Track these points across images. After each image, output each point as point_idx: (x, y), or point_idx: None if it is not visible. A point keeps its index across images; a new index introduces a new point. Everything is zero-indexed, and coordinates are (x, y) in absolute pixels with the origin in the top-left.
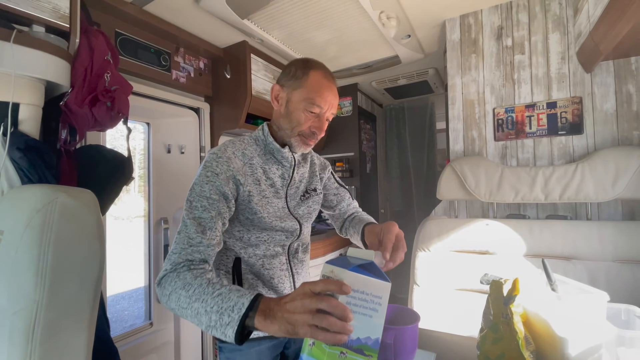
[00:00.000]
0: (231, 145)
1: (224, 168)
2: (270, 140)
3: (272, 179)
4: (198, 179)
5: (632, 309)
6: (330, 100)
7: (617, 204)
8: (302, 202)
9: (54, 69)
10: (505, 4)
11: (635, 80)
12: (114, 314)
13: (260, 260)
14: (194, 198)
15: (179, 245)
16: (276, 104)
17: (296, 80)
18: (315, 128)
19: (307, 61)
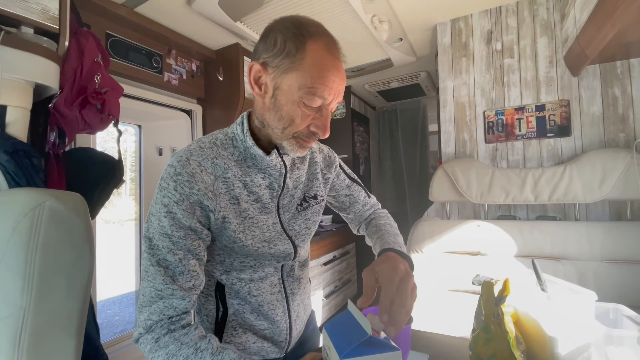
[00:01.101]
0: (197, 152)
1: (185, 192)
2: (250, 144)
3: (256, 192)
4: (155, 208)
5: (620, 308)
6: (336, 86)
7: (604, 204)
8: (299, 214)
9: (42, 70)
10: (494, 8)
11: (621, 83)
12: (105, 319)
13: (247, 285)
14: (153, 235)
15: (146, 297)
16: (257, 91)
17: (286, 58)
18: (317, 127)
19: (300, 25)
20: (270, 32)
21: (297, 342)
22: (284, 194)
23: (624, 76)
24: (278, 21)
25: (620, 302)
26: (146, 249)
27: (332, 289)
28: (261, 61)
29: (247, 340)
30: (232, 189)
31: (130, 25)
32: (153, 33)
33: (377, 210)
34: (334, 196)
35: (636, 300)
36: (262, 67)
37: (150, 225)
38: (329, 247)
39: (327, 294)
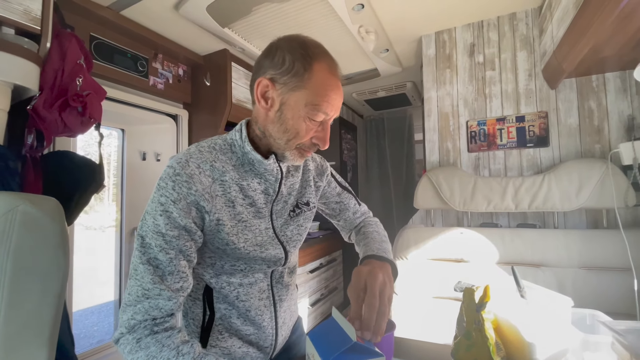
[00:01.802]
0: (197, 155)
1: (183, 192)
2: (249, 149)
3: (251, 197)
4: (151, 207)
5: (596, 314)
6: (337, 103)
7: (581, 213)
8: (291, 220)
9: (21, 71)
10: (477, 22)
11: (597, 96)
12: (82, 329)
13: (235, 290)
14: (146, 233)
15: (132, 296)
16: (263, 105)
17: (294, 77)
18: (319, 139)
19: (307, 47)
20: (277, 50)
21: (282, 347)
22: (278, 199)
23: (599, 89)
24: (283, 40)
25: (598, 308)
26: (138, 246)
27: (318, 297)
28: (268, 77)
29: (233, 345)
30: (229, 192)
31: (116, 28)
32: (139, 36)
33: (368, 218)
34: (325, 203)
35: (612, 306)
36: (270, 82)
37: (144, 223)
38: (315, 255)
39: (313, 302)
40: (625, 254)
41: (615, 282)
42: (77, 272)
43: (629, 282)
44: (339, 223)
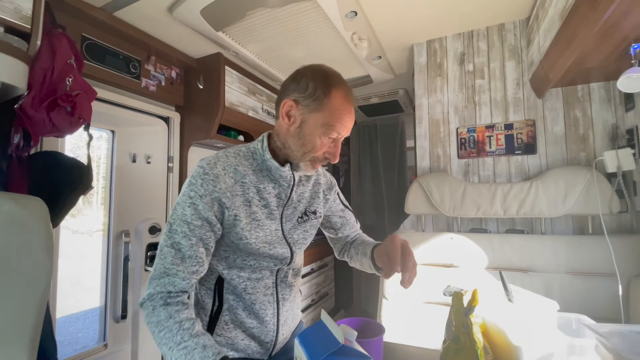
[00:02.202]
0: (223, 159)
1: (209, 188)
2: (268, 157)
3: (266, 199)
4: (181, 199)
5: (582, 318)
6: (349, 125)
7: (567, 219)
8: (299, 225)
9: (9, 70)
10: (467, 32)
11: (582, 106)
12: (67, 335)
13: (244, 283)
14: (174, 221)
15: (156, 272)
16: (286, 121)
17: (315, 101)
18: (330, 154)
19: (328, 77)
20: (302, 77)
21: (281, 347)
22: (288, 204)
23: (585, 99)
24: (308, 69)
25: (584, 313)
26: (166, 231)
27: (309, 303)
28: (293, 98)
29: (236, 337)
30: (247, 192)
31: (109, 29)
32: (132, 38)
33: (361, 233)
34: (329, 216)
35: (598, 311)
36: (294, 103)
37: (175, 212)
38: (306, 260)
39: (304, 307)
40: (610, 260)
41: (601, 287)
42: (63, 277)
43: (614, 287)
44: (337, 236)
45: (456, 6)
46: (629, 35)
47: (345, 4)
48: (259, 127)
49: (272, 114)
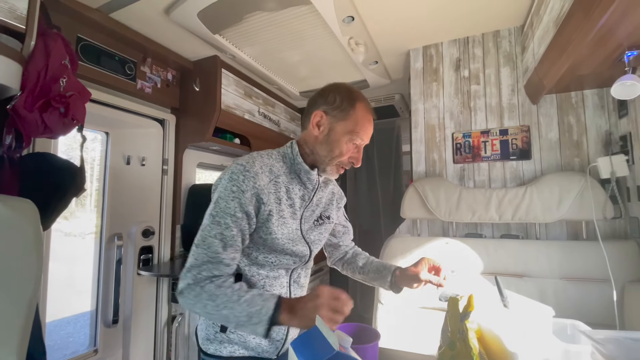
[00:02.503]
0: (259, 159)
1: (250, 185)
2: (300, 160)
3: (292, 199)
4: (224, 193)
5: (577, 324)
6: (370, 133)
7: (562, 224)
8: (315, 227)
9: (2, 70)
10: (462, 38)
11: (576, 112)
12: (57, 340)
13: (263, 280)
14: (217, 213)
15: (199, 260)
16: (316, 130)
17: (342, 112)
18: (354, 159)
19: (352, 92)
20: (330, 92)
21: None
22: (309, 206)
23: (578, 106)
24: (334, 85)
25: (578, 319)
26: (209, 223)
27: None
28: (322, 110)
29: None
30: (279, 191)
31: (105, 30)
32: (128, 40)
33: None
34: (335, 224)
35: (593, 316)
36: (323, 114)
37: (217, 206)
38: None
39: None
40: (604, 266)
41: (595, 292)
42: (54, 281)
43: (608, 293)
44: (337, 243)
45: (452, 13)
46: (622, 42)
47: (342, 8)
48: (255, 130)
49: (268, 117)
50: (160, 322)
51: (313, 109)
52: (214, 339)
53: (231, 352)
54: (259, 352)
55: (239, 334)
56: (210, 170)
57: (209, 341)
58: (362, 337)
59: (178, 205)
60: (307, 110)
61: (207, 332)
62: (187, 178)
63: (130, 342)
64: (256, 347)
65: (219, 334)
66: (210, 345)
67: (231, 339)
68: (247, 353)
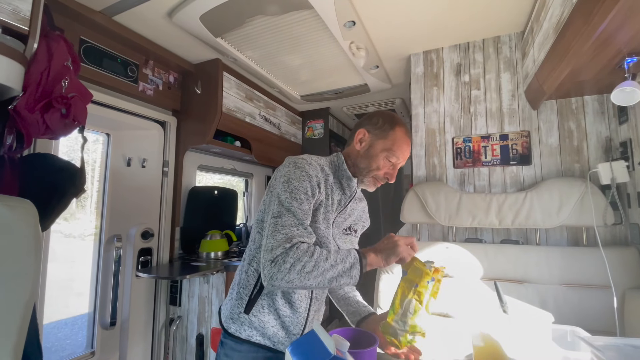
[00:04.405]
0: (315, 158)
1: (314, 172)
2: (345, 167)
3: (334, 199)
4: (295, 175)
5: (577, 331)
6: (406, 154)
7: (562, 230)
8: (342, 236)
9: (4, 71)
10: (463, 44)
11: (576, 118)
12: (55, 342)
13: None
14: (293, 189)
15: (286, 227)
16: (358, 145)
17: (383, 131)
18: (388, 175)
19: (394, 118)
20: (375, 116)
21: None
22: (342, 212)
23: (579, 111)
24: (380, 111)
25: (578, 325)
26: (287, 198)
27: None
28: (366, 129)
29: (268, 322)
30: (327, 187)
31: (107, 32)
32: (130, 42)
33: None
34: None
35: (593, 323)
36: (366, 132)
37: (290, 184)
38: None
39: None
40: (604, 272)
41: (596, 299)
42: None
43: (609, 300)
44: None
45: (453, 18)
46: (622, 49)
47: (343, 13)
48: (255, 133)
49: (269, 120)
50: (158, 325)
51: (358, 128)
52: (237, 319)
53: (249, 336)
54: (274, 343)
55: (259, 318)
56: (210, 172)
57: (232, 320)
58: (360, 342)
59: (178, 208)
60: (353, 130)
61: (231, 311)
62: (188, 180)
63: (128, 345)
64: (273, 336)
65: (242, 315)
66: (232, 324)
67: (252, 322)
68: (263, 341)
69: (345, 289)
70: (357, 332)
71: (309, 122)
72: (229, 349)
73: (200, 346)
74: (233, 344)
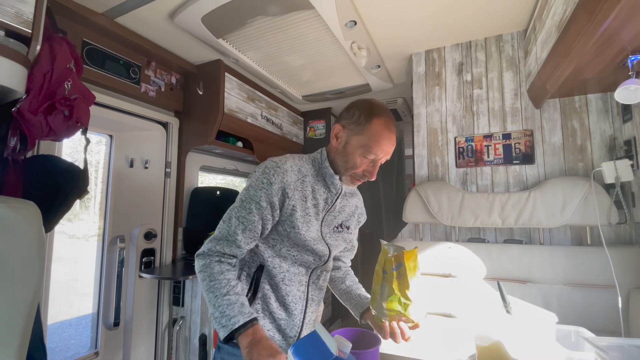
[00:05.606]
0: (291, 159)
1: (278, 178)
2: (327, 165)
3: (317, 199)
4: (255, 183)
5: (581, 331)
6: (387, 149)
7: (566, 229)
8: (334, 233)
9: (8, 73)
10: (465, 43)
11: (579, 117)
12: (59, 342)
13: (283, 273)
14: (245, 198)
15: (220, 234)
16: (335, 141)
17: (358, 126)
18: (368, 172)
19: (372, 107)
20: (352, 107)
21: None
22: (331, 210)
23: (582, 110)
24: (359, 100)
25: (582, 325)
26: (237, 206)
27: None
28: (341, 124)
29: (264, 326)
30: (305, 189)
31: (110, 34)
32: (133, 44)
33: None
34: None
35: (597, 323)
36: (341, 127)
37: (248, 192)
38: None
39: None
40: (609, 272)
41: (600, 299)
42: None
43: (613, 299)
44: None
45: (454, 17)
46: (626, 47)
47: (345, 13)
48: (257, 134)
49: (270, 120)
50: (161, 325)
51: (336, 122)
52: None
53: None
54: None
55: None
56: (212, 173)
57: None
58: (363, 342)
59: (180, 208)
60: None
61: None
62: (190, 181)
63: (131, 345)
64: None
65: None
66: None
67: None
68: None
69: (346, 282)
70: (360, 333)
71: (311, 122)
72: (225, 354)
73: (203, 346)
74: (229, 349)
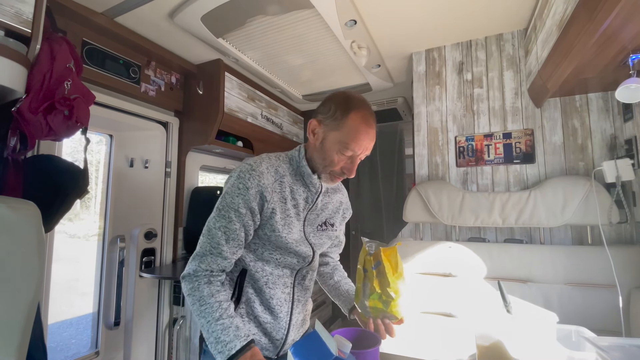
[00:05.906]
0: (267, 160)
1: (254, 182)
2: (304, 163)
3: (296, 199)
4: (230, 189)
5: (581, 331)
6: (365, 144)
7: (566, 229)
8: (318, 232)
9: (7, 73)
10: (465, 42)
11: (580, 116)
12: (59, 342)
13: (266, 277)
14: (223, 207)
15: (202, 249)
16: (312, 138)
17: (334, 121)
18: (346, 170)
19: (349, 101)
20: (329, 101)
21: None
22: (313, 209)
23: (583, 109)
24: (336, 94)
25: (583, 325)
26: (215, 215)
27: None
28: (318, 119)
29: (249, 330)
30: (284, 190)
31: (109, 34)
32: (133, 43)
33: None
34: None
35: (598, 323)
36: (318, 123)
37: (224, 200)
38: None
39: None
40: (609, 271)
41: (600, 298)
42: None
43: (614, 299)
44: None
45: (454, 16)
46: (627, 45)
47: (344, 12)
48: (257, 133)
49: (270, 120)
50: (161, 325)
51: (312, 117)
52: None
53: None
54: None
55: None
56: (213, 173)
57: None
58: (363, 342)
59: (180, 208)
60: None
61: None
62: (190, 181)
63: (132, 345)
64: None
65: None
66: None
67: None
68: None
69: (335, 277)
70: (360, 333)
71: None
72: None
73: None
74: None
